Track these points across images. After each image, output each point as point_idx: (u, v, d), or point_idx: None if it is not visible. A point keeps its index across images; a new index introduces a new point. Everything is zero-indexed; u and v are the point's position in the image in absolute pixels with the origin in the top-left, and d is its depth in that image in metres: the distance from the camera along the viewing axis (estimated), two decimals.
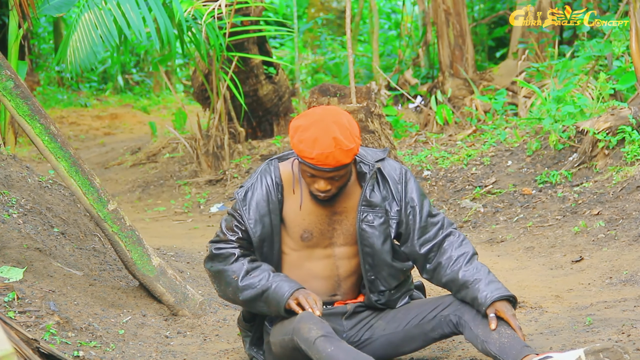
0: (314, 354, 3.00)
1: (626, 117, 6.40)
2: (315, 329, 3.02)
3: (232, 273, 3.20)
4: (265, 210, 3.22)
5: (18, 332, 2.88)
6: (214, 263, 3.26)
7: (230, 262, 3.22)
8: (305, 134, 3.10)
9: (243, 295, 3.17)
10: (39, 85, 14.59)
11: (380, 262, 3.27)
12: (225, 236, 3.25)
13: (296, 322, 3.08)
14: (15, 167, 4.62)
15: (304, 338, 3.02)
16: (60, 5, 6.26)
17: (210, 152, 8.33)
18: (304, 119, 3.17)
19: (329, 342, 2.99)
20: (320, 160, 3.07)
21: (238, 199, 3.24)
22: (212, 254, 3.26)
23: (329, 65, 14.00)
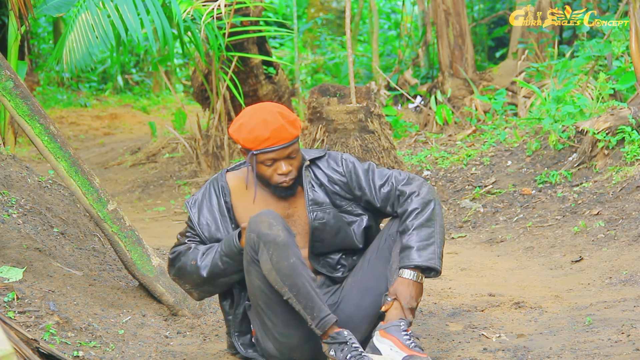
0: (274, 253, 3.07)
1: (626, 117, 6.40)
2: (276, 226, 3.10)
3: (191, 260, 3.29)
4: (216, 214, 3.33)
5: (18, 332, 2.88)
6: (174, 265, 3.36)
7: (185, 255, 3.32)
8: (251, 123, 3.23)
9: (206, 271, 3.25)
10: (39, 85, 14.59)
11: (332, 252, 3.40)
12: (179, 240, 3.38)
13: (253, 219, 3.13)
14: (15, 167, 4.62)
15: (263, 233, 3.09)
16: (60, 6, 6.26)
17: (209, 152, 8.34)
18: (240, 118, 3.29)
19: (292, 250, 3.09)
20: (276, 136, 3.20)
21: (188, 207, 3.35)
22: (170, 260, 3.37)
23: (329, 65, 14.01)
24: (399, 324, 3.22)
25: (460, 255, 5.57)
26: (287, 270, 3.09)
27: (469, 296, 4.40)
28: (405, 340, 3.20)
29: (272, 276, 3.11)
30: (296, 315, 3.16)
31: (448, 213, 6.63)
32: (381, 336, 3.24)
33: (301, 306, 3.11)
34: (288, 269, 3.09)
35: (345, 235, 3.38)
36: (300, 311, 3.12)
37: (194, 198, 3.37)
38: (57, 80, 15.28)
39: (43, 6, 6.28)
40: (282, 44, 15.55)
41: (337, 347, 3.11)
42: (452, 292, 4.48)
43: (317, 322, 3.12)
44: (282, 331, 3.22)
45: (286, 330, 3.21)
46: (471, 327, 3.85)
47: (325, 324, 3.12)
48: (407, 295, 3.21)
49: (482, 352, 3.51)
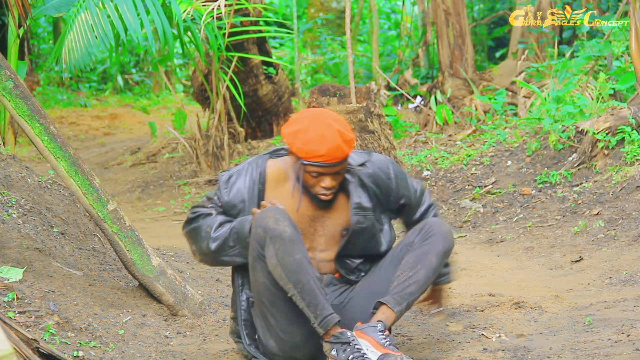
0: (280, 248, 3.08)
1: (626, 117, 6.40)
2: (282, 221, 3.10)
3: (206, 226, 3.29)
4: (245, 197, 3.30)
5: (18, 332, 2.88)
6: (191, 224, 3.35)
7: (205, 219, 3.32)
8: (309, 135, 3.18)
9: (215, 244, 3.25)
10: (39, 85, 14.59)
11: (355, 256, 3.42)
12: (203, 202, 3.37)
13: (259, 215, 3.15)
14: (15, 167, 4.62)
15: (270, 227, 3.09)
16: (59, 6, 6.26)
17: (209, 152, 8.33)
18: (298, 123, 3.24)
19: (297, 247, 3.09)
20: (331, 154, 3.17)
21: (221, 181, 3.34)
22: (189, 218, 3.35)
23: (329, 65, 14.00)
24: (376, 325, 3.23)
25: (460, 255, 5.56)
26: (292, 266, 3.09)
27: (469, 296, 4.40)
28: (380, 339, 3.20)
29: (277, 272, 3.10)
30: (299, 313, 3.16)
31: (448, 213, 6.63)
32: (357, 337, 3.24)
33: (305, 303, 3.11)
34: (293, 265, 3.09)
35: (375, 243, 3.41)
36: (304, 309, 3.12)
37: (229, 173, 3.35)
38: (57, 80, 15.28)
39: (43, 6, 6.28)
40: (282, 44, 15.54)
41: (339, 347, 3.10)
42: (452, 292, 4.48)
43: (320, 321, 3.11)
44: (285, 329, 3.22)
45: (289, 327, 3.21)
46: (471, 327, 3.85)
47: (328, 322, 3.11)
48: (385, 317, 3.26)
49: (482, 352, 3.51)
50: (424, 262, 3.28)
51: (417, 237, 3.34)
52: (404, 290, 3.26)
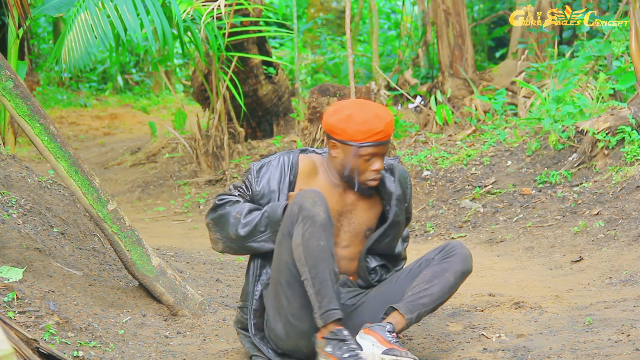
0: (308, 230, 3.09)
1: (626, 117, 6.40)
2: (319, 205, 3.12)
3: (236, 212, 3.27)
4: (275, 187, 3.32)
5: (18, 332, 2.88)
6: (216, 211, 3.33)
7: (233, 205, 3.30)
8: (362, 116, 3.26)
9: (245, 229, 3.25)
10: (39, 85, 14.59)
11: (376, 254, 3.47)
12: (230, 191, 3.36)
13: (299, 194, 3.16)
14: (15, 167, 4.62)
15: (305, 207, 3.10)
16: (59, 6, 6.26)
17: (209, 152, 8.33)
18: (345, 109, 3.30)
19: (326, 234, 3.11)
20: (387, 131, 3.27)
21: (252, 169, 3.34)
22: (215, 204, 3.34)
23: (329, 65, 14.00)
24: (385, 325, 3.24)
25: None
26: (315, 250, 3.10)
27: (468, 296, 4.40)
28: (387, 336, 3.21)
29: (298, 252, 3.12)
30: None
31: (448, 213, 6.63)
32: (364, 333, 3.25)
33: (314, 290, 3.10)
34: (316, 250, 3.10)
35: (395, 241, 3.47)
36: (312, 296, 3.11)
37: (261, 163, 3.36)
38: (57, 80, 15.28)
39: (42, 6, 6.28)
40: (282, 44, 15.54)
41: (335, 343, 3.10)
42: None
43: (323, 312, 3.11)
44: (295, 313, 3.21)
45: (300, 312, 3.20)
46: (471, 327, 3.85)
47: (330, 316, 3.11)
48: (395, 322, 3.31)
49: (482, 352, 3.51)
50: (440, 278, 3.32)
51: (438, 255, 3.39)
52: (417, 300, 3.30)
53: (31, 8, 6.12)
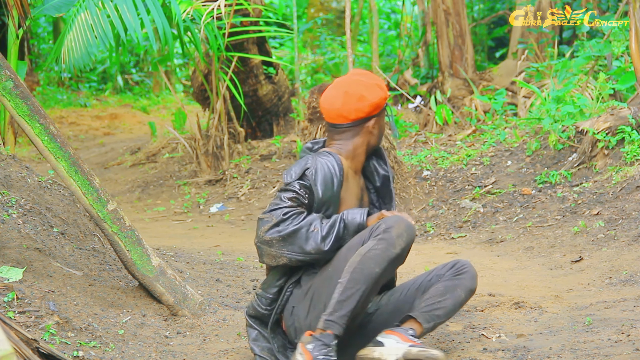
0: (377, 250, 3.11)
1: (626, 117, 6.40)
2: (403, 240, 3.15)
3: (311, 226, 3.21)
4: (331, 192, 3.31)
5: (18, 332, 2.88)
6: (282, 226, 3.22)
7: (302, 219, 3.22)
8: (374, 78, 3.43)
9: (327, 242, 3.21)
10: (39, 85, 14.59)
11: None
12: (284, 202, 3.26)
13: (394, 219, 3.18)
14: (15, 167, 4.62)
15: (391, 234, 3.12)
16: (60, 5, 6.25)
17: (209, 152, 8.33)
18: (362, 86, 3.40)
19: (389, 267, 3.14)
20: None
21: (310, 178, 3.29)
22: (278, 221, 3.22)
23: (329, 65, 14.00)
24: (407, 329, 3.28)
25: (460, 255, 5.56)
26: (367, 270, 3.12)
27: None
28: (410, 336, 3.24)
29: (353, 259, 3.14)
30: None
31: (448, 213, 6.63)
32: (386, 333, 3.27)
33: (339, 297, 3.13)
34: (368, 271, 3.13)
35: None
36: (334, 299, 3.14)
37: (311, 170, 3.30)
38: (57, 80, 15.28)
39: (42, 6, 6.28)
40: (282, 44, 15.54)
41: (319, 345, 3.13)
42: None
43: (330, 319, 3.13)
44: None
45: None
46: (471, 327, 3.85)
47: (333, 327, 3.14)
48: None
49: (482, 352, 3.51)
50: (453, 293, 3.37)
51: (449, 271, 3.44)
52: (432, 311, 3.35)
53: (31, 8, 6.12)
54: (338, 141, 3.41)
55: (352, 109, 3.35)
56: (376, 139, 3.44)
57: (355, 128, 3.38)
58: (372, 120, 3.39)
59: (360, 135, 3.40)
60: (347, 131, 3.40)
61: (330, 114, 3.41)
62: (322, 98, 3.45)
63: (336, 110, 3.38)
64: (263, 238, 3.23)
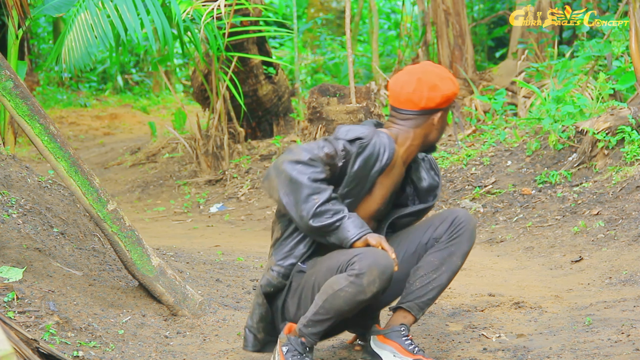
0: (350, 293, 3.00)
1: (626, 117, 6.40)
2: (375, 286, 3.00)
3: (315, 195, 3.04)
4: (368, 172, 3.17)
5: (18, 332, 2.88)
6: (299, 168, 3.05)
7: (314, 179, 3.05)
8: (444, 71, 3.29)
9: (315, 219, 3.03)
10: (39, 85, 14.60)
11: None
12: (320, 155, 3.08)
13: (372, 256, 3.01)
14: (15, 167, 4.62)
15: (363, 278, 2.98)
16: (59, 6, 6.26)
17: (209, 152, 8.34)
18: (435, 76, 3.26)
19: (356, 306, 3.04)
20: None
21: (355, 148, 3.13)
22: (299, 159, 3.06)
23: (329, 65, 14.01)
24: (400, 329, 3.24)
25: None
26: (337, 305, 3.04)
27: (468, 296, 4.40)
28: (407, 345, 3.21)
29: (326, 288, 3.06)
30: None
31: None
32: (381, 342, 3.23)
33: (312, 315, 3.09)
34: (338, 306, 3.04)
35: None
36: (310, 312, 3.10)
37: (362, 142, 3.13)
38: (57, 80, 15.28)
39: (42, 6, 6.28)
40: (282, 44, 15.54)
41: (295, 352, 3.12)
42: (452, 292, 4.48)
43: (304, 330, 3.12)
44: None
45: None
46: (471, 327, 3.85)
47: (306, 337, 3.12)
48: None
49: (482, 352, 3.51)
50: (448, 264, 3.29)
51: (446, 232, 3.32)
52: (426, 294, 3.28)
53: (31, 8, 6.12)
54: (399, 126, 3.27)
55: (424, 96, 3.22)
56: (437, 134, 3.30)
57: (421, 118, 3.25)
58: (439, 113, 3.25)
59: (423, 127, 3.26)
60: (411, 119, 3.25)
61: (400, 98, 3.25)
62: (392, 81, 3.29)
63: (406, 94, 3.23)
64: (279, 164, 3.08)
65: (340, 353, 3.54)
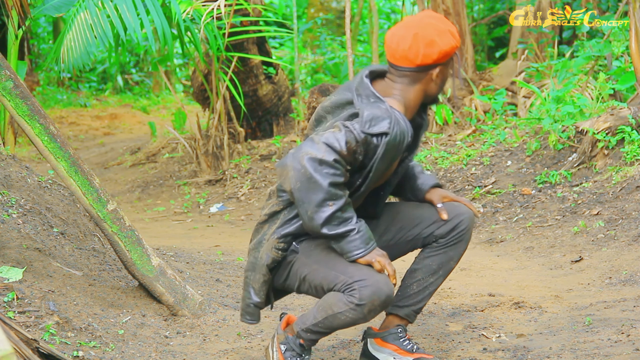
0: (349, 317, 2.97)
1: (626, 117, 6.40)
2: (372, 314, 2.97)
3: (332, 201, 2.93)
4: (385, 164, 3.06)
5: (18, 332, 2.88)
6: (321, 169, 2.92)
7: (334, 183, 2.93)
8: (445, 23, 3.10)
9: (326, 227, 2.95)
10: (39, 85, 14.60)
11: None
12: (343, 152, 2.94)
13: (375, 284, 2.94)
14: (15, 167, 4.62)
15: (363, 305, 2.93)
16: (59, 6, 6.27)
17: (209, 152, 8.34)
18: (431, 29, 3.08)
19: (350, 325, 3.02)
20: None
21: (381, 142, 2.99)
22: (323, 159, 2.92)
23: (329, 65, 14.00)
24: (397, 330, 3.23)
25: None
26: (336, 324, 3.03)
27: (468, 296, 4.40)
28: (405, 346, 3.20)
29: (326, 305, 3.03)
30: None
31: None
32: (378, 345, 3.23)
33: (311, 324, 3.08)
34: (337, 325, 3.03)
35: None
36: (309, 319, 3.09)
37: (386, 139, 2.97)
38: (57, 80, 15.29)
39: (42, 6, 6.29)
40: (282, 44, 15.54)
41: (292, 351, 3.12)
42: (452, 292, 4.48)
43: (303, 335, 3.11)
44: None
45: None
46: (471, 327, 3.85)
47: (305, 340, 3.12)
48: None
49: (482, 352, 3.51)
50: (445, 269, 3.29)
51: (448, 235, 3.26)
52: (422, 300, 3.29)
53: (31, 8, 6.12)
54: (399, 85, 3.11)
55: (420, 53, 3.04)
56: (437, 88, 3.14)
57: (418, 74, 3.09)
58: (437, 68, 3.09)
59: (421, 83, 3.10)
60: (408, 75, 3.09)
61: (395, 55, 3.08)
62: (388, 35, 3.11)
63: (402, 51, 3.06)
64: (301, 157, 2.93)
65: (340, 353, 3.54)
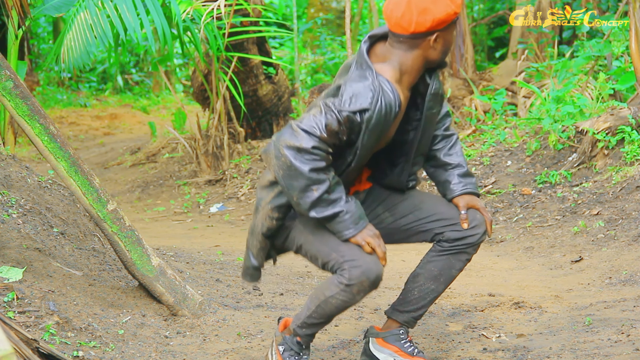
0: (338, 298, 2.98)
1: (626, 117, 6.40)
2: (361, 295, 2.97)
3: (315, 185, 2.92)
4: (374, 139, 3.01)
5: (17, 332, 2.88)
6: (300, 157, 2.90)
7: (315, 168, 2.90)
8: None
9: (314, 211, 2.94)
10: (39, 85, 14.60)
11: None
12: (323, 136, 2.91)
13: (365, 265, 2.95)
14: (15, 167, 4.62)
15: (353, 287, 2.94)
16: (59, 6, 6.27)
17: (209, 152, 8.34)
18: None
19: (344, 309, 3.02)
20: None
21: (365, 118, 2.94)
22: (302, 146, 2.90)
23: (329, 65, 14.01)
24: (398, 332, 3.22)
25: None
26: (329, 310, 3.04)
27: (468, 296, 4.40)
28: (406, 348, 3.20)
29: (318, 293, 3.05)
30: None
31: None
32: (380, 345, 3.23)
33: (305, 317, 3.10)
34: (330, 311, 3.04)
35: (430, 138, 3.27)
36: (303, 313, 3.11)
37: (369, 114, 2.93)
38: (57, 80, 15.29)
39: (42, 6, 6.29)
40: (282, 44, 15.55)
41: (291, 351, 3.13)
42: (452, 292, 4.48)
43: (299, 331, 3.13)
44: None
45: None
46: (471, 327, 3.85)
47: (301, 337, 3.13)
48: None
49: (482, 352, 3.51)
50: (446, 276, 3.24)
51: (454, 242, 3.22)
52: (423, 306, 3.27)
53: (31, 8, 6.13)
54: (397, 51, 3.04)
55: (413, 21, 2.97)
56: (438, 54, 3.05)
57: (415, 41, 3.01)
58: (434, 34, 3.01)
59: (420, 49, 3.02)
60: (404, 42, 3.02)
61: (390, 22, 3.03)
62: (385, 2, 3.06)
63: (395, 19, 3.00)
64: (280, 146, 2.92)
65: (340, 353, 3.54)
